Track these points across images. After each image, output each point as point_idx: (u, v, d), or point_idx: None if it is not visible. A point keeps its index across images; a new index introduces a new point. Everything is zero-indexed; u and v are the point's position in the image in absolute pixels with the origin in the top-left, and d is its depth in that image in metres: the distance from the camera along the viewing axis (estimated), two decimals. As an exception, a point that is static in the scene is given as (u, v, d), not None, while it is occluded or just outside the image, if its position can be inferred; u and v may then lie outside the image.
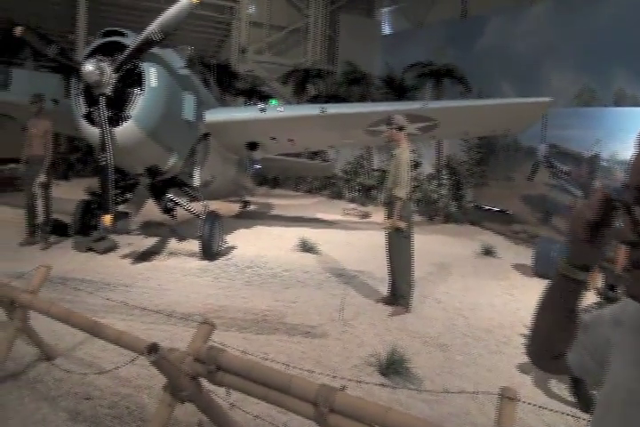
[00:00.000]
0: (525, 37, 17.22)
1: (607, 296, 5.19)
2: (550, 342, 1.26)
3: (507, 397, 2.47)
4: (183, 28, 22.36)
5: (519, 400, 2.48)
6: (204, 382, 3.05)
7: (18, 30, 7.53)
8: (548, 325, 1.26)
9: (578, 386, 4.30)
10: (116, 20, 19.78)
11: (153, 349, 2.79)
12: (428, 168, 16.65)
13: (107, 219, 7.23)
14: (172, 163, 8.33)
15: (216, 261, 8.39)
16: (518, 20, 17.92)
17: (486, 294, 7.67)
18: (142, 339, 3.34)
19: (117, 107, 7.26)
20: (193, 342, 3.11)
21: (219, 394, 3.21)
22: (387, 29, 27.57)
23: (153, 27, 7.07)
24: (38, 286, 4.14)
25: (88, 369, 4.34)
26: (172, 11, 7.17)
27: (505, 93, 16.61)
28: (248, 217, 13.06)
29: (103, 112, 7.03)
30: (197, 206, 8.79)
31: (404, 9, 25.83)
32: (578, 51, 15.25)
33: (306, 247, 9.42)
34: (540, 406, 2.97)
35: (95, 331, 3.53)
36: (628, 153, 8.97)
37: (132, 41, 7.19)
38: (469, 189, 15.40)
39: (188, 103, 8.16)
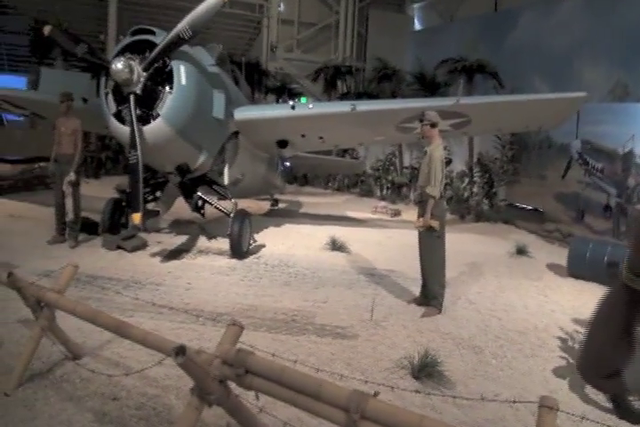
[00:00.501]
0: (558, 31, 16.88)
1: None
2: (605, 359, 1.13)
3: (546, 406, 2.35)
4: (214, 27, 22.53)
5: (558, 410, 2.35)
6: (233, 385, 2.98)
7: (46, 29, 7.59)
8: (603, 340, 1.13)
9: (619, 399, 4.11)
10: (147, 19, 19.96)
11: (180, 351, 2.72)
12: (459, 165, 16.43)
13: (136, 217, 7.23)
14: (201, 161, 8.32)
15: (245, 260, 8.36)
16: (550, 13, 17.57)
17: (520, 295, 7.50)
18: (169, 340, 3.28)
19: (147, 105, 7.27)
20: (221, 344, 3.05)
21: (248, 397, 3.14)
22: (418, 25, 27.32)
23: (182, 25, 7.05)
24: (65, 285, 4.12)
25: (115, 369, 4.31)
26: (200, 8, 7.14)
27: (537, 89, 16.29)
28: (278, 215, 13.04)
29: (133, 111, 7.05)
30: (227, 205, 8.77)
31: (435, 4, 25.58)
32: (611, 45, 14.90)
33: (336, 246, 9.35)
34: (581, 417, 2.83)
35: (121, 331, 3.48)
36: (663, 150, 8.65)
37: (161, 39, 7.18)
38: (501, 187, 15.14)
39: (218, 101, 8.13)
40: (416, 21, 27.51)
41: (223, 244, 8.53)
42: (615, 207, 11.73)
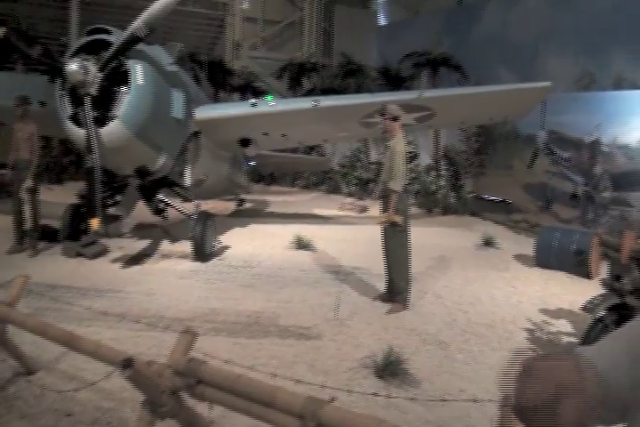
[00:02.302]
0: (522, 23, 16.99)
1: (612, 287, 4.98)
2: None
3: (508, 406, 2.28)
4: (177, 26, 22.27)
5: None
6: (186, 397, 2.86)
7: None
8: None
9: None
10: (109, 20, 19.59)
11: (128, 363, 2.59)
12: (426, 159, 16.44)
13: (94, 222, 7.04)
14: (161, 162, 8.14)
15: (209, 263, 8.21)
16: (515, 5, 17.69)
17: (487, 287, 7.49)
18: (120, 351, 3.14)
19: (103, 107, 7.08)
20: (173, 354, 2.92)
21: (202, 408, 3.03)
22: (382, 20, 27.31)
23: (137, 23, 6.88)
24: (16, 297, 3.95)
25: (71, 383, 4.14)
26: (155, 6, 6.97)
27: (503, 80, 16.37)
28: (243, 215, 12.89)
29: (89, 112, 6.85)
30: (189, 206, 8.60)
31: (400, -2, 25.59)
32: (575, 35, 15.04)
33: (301, 245, 9.25)
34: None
35: (72, 344, 3.34)
36: (628, 137, 8.85)
37: (116, 38, 7.00)
38: (468, 180, 15.20)
39: (177, 101, 7.97)
40: (381, 16, 27.49)
41: (186, 247, 8.36)
42: (582, 196, 11.83)
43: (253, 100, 9.75)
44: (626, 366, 0.94)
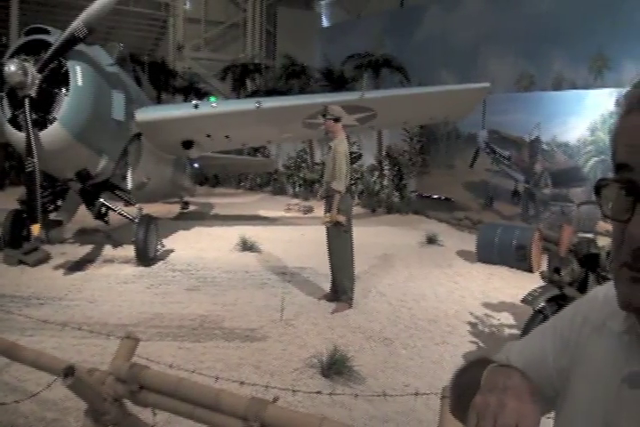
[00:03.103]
0: (464, 25, 17.28)
1: (552, 280, 5.15)
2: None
3: (447, 397, 2.34)
4: (119, 26, 21.86)
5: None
6: (130, 403, 2.83)
7: None
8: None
9: None
10: (50, 20, 19.06)
11: (69, 371, 2.54)
12: (369, 159, 16.61)
13: (35, 228, 6.88)
14: (102, 166, 7.98)
15: (152, 267, 8.09)
16: (456, 8, 17.99)
17: (431, 284, 7.63)
18: (62, 360, 3.08)
19: (43, 109, 6.90)
20: (115, 360, 2.88)
21: (146, 414, 3.00)
22: (325, 22, 27.41)
23: (77, 23, 6.74)
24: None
25: (13, 394, 4.02)
26: (95, 6, 6.85)
27: (445, 82, 16.65)
28: (188, 218, 12.75)
29: (28, 115, 6.66)
30: (131, 210, 8.46)
31: (343, 0, 25.71)
32: (516, 37, 15.36)
33: (246, 246, 9.21)
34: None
35: (12, 354, 3.26)
36: (567, 136, 9.12)
37: (56, 38, 6.83)
38: (411, 179, 15.44)
39: (118, 102, 7.83)
40: (324, 18, 27.60)
41: (129, 251, 8.22)
42: (523, 193, 12.18)
43: (196, 102, 9.67)
44: (553, 355, 0.98)
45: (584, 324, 0.95)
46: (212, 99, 18.03)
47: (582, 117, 10.99)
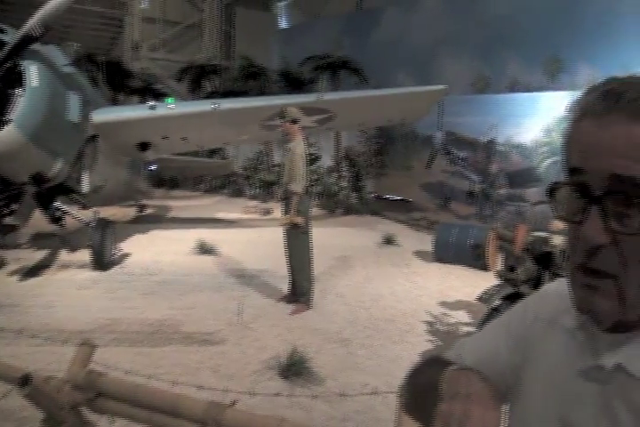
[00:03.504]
0: (421, 28, 17.47)
1: (507, 278, 5.26)
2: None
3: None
4: (75, 25, 21.42)
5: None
6: (87, 411, 2.79)
7: None
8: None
9: None
10: (6, 17, 18.59)
11: (25, 380, 2.50)
12: (327, 161, 16.68)
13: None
14: (58, 168, 7.80)
15: (109, 271, 7.97)
16: (413, 10, 18.15)
17: (388, 284, 7.71)
18: (18, 368, 3.02)
19: None
20: (71, 367, 2.84)
21: (104, 422, 2.96)
22: (283, 23, 27.41)
23: (32, 22, 6.58)
24: None
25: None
26: (51, 4, 6.70)
27: (402, 84, 16.82)
28: (144, 221, 12.59)
29: None
30: (87, 214, 8.32)
31: (301, 2, 25.75)
32: (472, 40, 15.58)
33: (204, 249, 9.15)
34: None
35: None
36: (522, 137, 9.32)
37: (10, 37, 6.67)
38: (369, 180, 15.57)
39: (73, 103, 7.68)
40: (282, 20, 27.59)
41: (86, 255, 8.08)
42: (479, 193, 12.41)
43: (152, 103, 9.56)
44: (505, 352, 0.99)
45: (535, 321, 0.97)
46: (169, 100, 17.88)
47: (537, 119, 11.25)
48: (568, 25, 12.79)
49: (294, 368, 4.58)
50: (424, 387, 0.95)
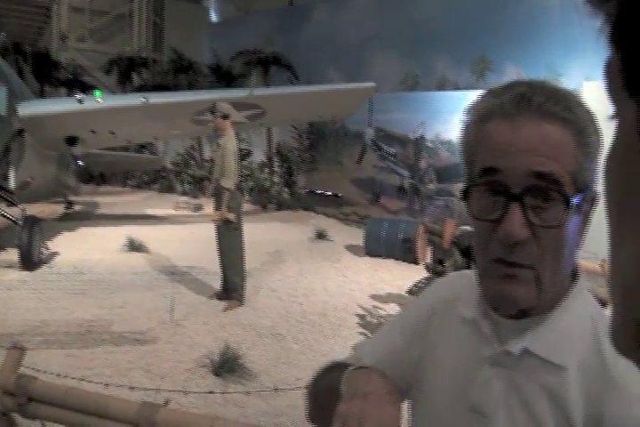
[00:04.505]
0: (351, 25, 17.58)
1: (436, 271, 5.45)
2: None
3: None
4: (0, 14, 20.42)
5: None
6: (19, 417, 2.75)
7: None
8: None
9: None
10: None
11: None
12: (259, 156, 16.67)
13: None
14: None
15: (37, 271, 7.72)
16: (344, 7, 18.22)
17: (321, 278, 7.82)
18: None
19: None
20: (1, 372, 2.78)
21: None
22: (214, 17, 27.05)
23: None
24: None
25: None
26: None
27: (332, 80, 16.91)
28: (72, 219, 12.24)
29: None
30: (14, 211, 8.03)
31: (232, -4, 25.46)
32: (402, 38, 15.71)
33: (134, 246, 8.99)
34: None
35: None
36: (450, 133, 9.59)
37: None
38: (301, 175, 15.66)
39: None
40: (213, 13, 27.21)
41: (13, 255, 7.80)
42: (409, 188, 12.70)
43: (80, 96, 9.33)
44: (403, 349, 1.03)
45: (432, 315, 1.01)
46: (97, 93, 17.37)
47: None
48: (496, 27, 13.14)
49: (227, 365, 4.61)
50: (326, 394, 0.98)
